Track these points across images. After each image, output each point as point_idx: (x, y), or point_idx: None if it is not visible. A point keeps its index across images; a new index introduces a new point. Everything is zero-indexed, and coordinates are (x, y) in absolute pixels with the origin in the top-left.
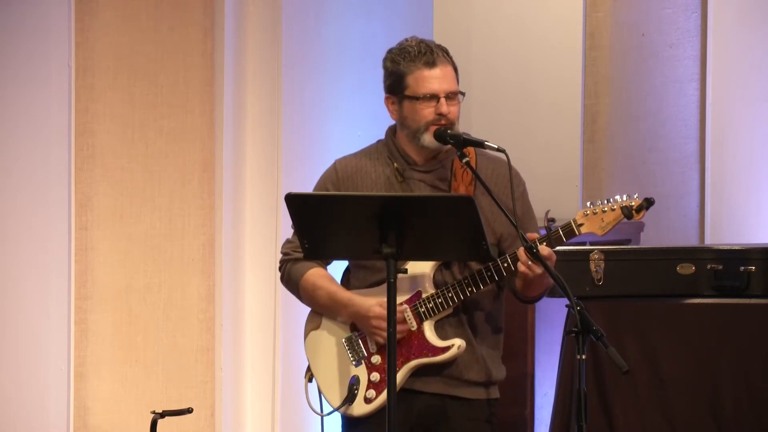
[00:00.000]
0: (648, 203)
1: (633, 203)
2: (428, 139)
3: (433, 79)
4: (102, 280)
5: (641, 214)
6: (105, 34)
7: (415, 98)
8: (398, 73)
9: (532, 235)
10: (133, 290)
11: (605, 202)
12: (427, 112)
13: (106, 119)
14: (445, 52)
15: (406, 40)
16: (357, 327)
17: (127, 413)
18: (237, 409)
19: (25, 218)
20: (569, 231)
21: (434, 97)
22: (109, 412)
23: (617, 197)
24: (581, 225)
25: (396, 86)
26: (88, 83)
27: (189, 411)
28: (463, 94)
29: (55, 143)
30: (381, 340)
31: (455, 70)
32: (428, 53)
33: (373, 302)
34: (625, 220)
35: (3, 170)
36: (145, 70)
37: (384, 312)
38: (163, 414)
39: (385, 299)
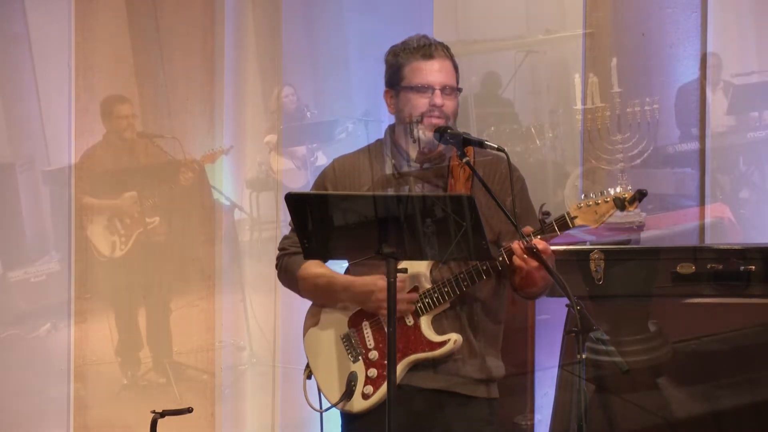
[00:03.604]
0: (640, 195)
1: (626, 195)
2: (422, 131)
3: (429, 70)
4: (102, 280)
5: (634, 205)
6: (105, 34)
7: (411, 88)
8: (397, 65)
9: (527, 229)
10: (133, 290)
11: (599, 194)
12: (422, 102)
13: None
14: (447, 49)
15: (410, 36)
16: (355, 323)
17: (127, 413)
18: (237, 409)
19: (26, 218)
20: (563, 223)
21: (429, 88)
22: (109, 412)
23: (610, 190)
24: (575, 217)
25: (394, 78)
26: (88, 83)
27: (189, 411)
28: (459, 90)
29: (55, 143)
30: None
31: (455, 68)
32: (426, 46)
33: (375, 277)
34: (619, 212)
35: (3, 170)
36: (145, 70)
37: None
38: (163, 414)
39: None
